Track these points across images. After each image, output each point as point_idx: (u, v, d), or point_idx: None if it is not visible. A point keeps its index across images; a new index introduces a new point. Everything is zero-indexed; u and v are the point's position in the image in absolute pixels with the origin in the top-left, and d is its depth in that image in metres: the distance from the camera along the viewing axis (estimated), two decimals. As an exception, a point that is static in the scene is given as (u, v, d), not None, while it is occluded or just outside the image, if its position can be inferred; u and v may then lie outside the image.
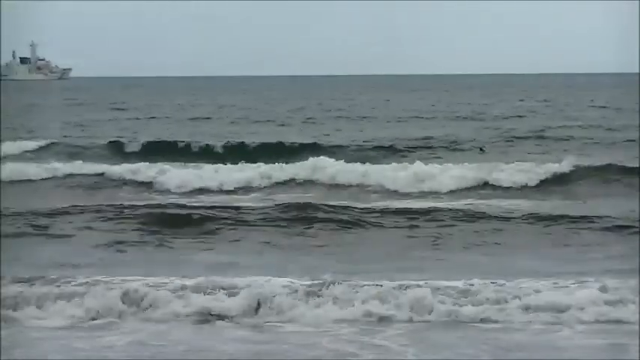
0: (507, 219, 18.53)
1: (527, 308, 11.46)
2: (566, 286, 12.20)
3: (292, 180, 25.32)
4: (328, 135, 37.61)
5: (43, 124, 44.77)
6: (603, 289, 11.85)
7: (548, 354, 10.10)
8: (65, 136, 36.61)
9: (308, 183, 25.14)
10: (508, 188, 23.72)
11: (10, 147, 30.75)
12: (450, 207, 19.88)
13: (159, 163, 26.47)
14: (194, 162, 27.73)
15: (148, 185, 25.04)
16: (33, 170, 26.38)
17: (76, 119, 48.92)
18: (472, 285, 12.10)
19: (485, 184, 24.01)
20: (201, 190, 24.28)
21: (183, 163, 27.01)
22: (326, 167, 25.68)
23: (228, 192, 24.24)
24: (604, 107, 56.60)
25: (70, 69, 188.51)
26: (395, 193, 23.62)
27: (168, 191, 24.26)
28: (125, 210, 19.41)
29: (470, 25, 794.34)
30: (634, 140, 32.78)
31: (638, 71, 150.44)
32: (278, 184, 25.05)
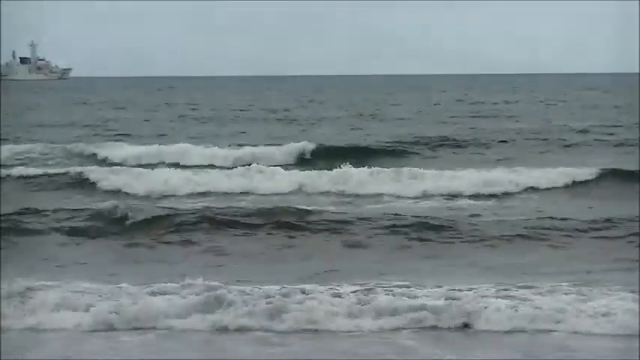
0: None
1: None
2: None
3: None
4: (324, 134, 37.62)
5: (44, 124, 44.83)
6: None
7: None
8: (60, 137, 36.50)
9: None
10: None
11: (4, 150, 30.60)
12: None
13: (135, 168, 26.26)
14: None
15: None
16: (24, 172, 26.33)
17: (76, 119, 48.97)
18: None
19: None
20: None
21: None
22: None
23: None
24: (603, 107, 56.62)
25: (70, 69, 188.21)
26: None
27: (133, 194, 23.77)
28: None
29: (470, 25, 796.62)
30: (634, 139, 32.80)
31: (638, 71, 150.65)
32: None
